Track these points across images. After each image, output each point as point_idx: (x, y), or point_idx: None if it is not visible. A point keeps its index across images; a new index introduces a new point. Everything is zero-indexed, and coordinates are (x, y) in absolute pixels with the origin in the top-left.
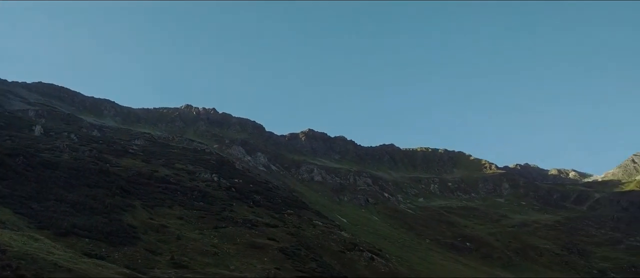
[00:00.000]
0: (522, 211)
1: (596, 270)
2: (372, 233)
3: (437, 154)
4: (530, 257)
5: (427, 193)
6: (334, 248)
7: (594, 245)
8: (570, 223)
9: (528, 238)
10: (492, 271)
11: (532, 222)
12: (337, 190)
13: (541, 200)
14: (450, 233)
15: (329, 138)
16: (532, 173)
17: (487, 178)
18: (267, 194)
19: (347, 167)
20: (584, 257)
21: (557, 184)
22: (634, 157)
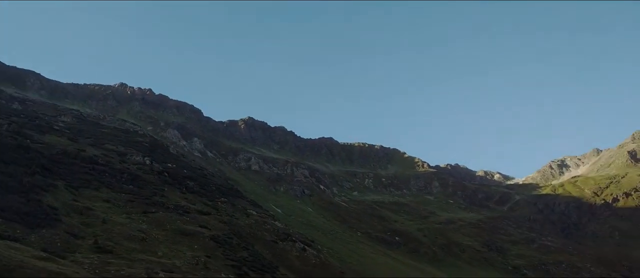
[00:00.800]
0: (449, 209)
1: (511, 267)
2: (305, 224)
3: (374, 150)
4: (454, 253)
5: (362, 188)
6: (267, 238)
7: (511, 243)
8: (492, 222)
9: (453, 235)
10: (418, 265)
11: (457, 220)
12: (273, 180)
13: (467, 199)
14: (381, 227)
15: (269, 127)
16: (461, 173)
17: (419, 176)
18: (201, 181)
19: (285, 158)
20: (501, 254)
21: (483, 185)
22: (551, 163)
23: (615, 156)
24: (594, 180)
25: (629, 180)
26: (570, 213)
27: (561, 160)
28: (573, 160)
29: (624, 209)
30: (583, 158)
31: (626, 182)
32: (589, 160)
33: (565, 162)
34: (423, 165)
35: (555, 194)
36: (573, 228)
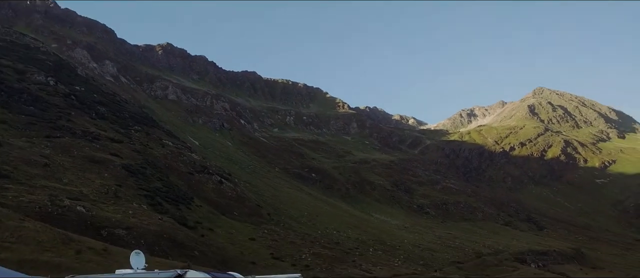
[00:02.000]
0: (365, 149)
1: (416, 205)
2: (224, 157)
3: (297, 88)
4: (366, 191)
5: (283, 125)
6: (183, 170)
7: (418, 184)
8: (403, 164)
9: (366, 174)
10: (331, 201)
11: (372, 160)
12: (192, 112)
13: (382, 141)
14: (299, 164)
15: (189, 56)
16: (379, 116)
17: (339, 116)
18: (113, 107)
19: (205, 89)
20: (408, 194)
21: (397, 128)
22: (461, 112)
23: (517, 109)
24: (497, 130)
25: (526, 131)
26: (472, 159)
27: (470, 109)
28: (481, 110)
29: (518, 157)
30: (490, 109)
31: (523, 133)
32: (494, 111)
33: (474, 111)
34: (343, 106)
35: (461, 141)
36: (474, 173)
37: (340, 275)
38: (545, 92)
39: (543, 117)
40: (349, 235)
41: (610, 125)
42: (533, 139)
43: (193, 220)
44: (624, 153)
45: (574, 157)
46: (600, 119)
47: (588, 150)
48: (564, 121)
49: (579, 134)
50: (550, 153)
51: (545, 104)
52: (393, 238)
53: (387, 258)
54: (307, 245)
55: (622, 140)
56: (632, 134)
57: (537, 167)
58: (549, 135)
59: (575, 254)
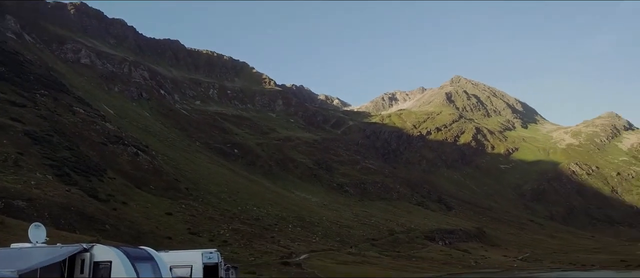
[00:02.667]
0: (289, 127)
1: (336, 184)
2: (141, 129)
3: (222, 61)
4: (288, 168)
5: (205, 98)
6: (95, 139)
7: (339, 163)
8: (326, 143)
9: (289, 152)
10: (253, 177)
11: (295, 138)
12: (107, 78)
13: (307, 120)
14: (221, 139)
15: (106, 18)
16: (304, 95)
17: (265, 92)
18: (15, 68)
19: (123, 55)
20: (329, 172)
21: (322, 108)
22: (383, 95)
23: (436, 96)
24: (415, 114)
25: (442, 117)
26: (392, 141)
27: (392, 93)
28: (402, 94)
29: (433, 141)
30: (410, 94)
31: (439, 119)
32: (414, 96)
33: (396, 95)
34: (270, 82)
35: (382, 123)
36: (392, 154)
37: (259, 250)
38: (462, 81)
39: (458, 105)
40: (269, 212)
41: (516, 115)
42: (448, 124)
43: (105, 192)
44: (526, 142)
45: (483, 143)
46: (508, 109)
47: (495, 138)
48: (477, 109)
49: (489, 122)
50: (463, 139)
51: (461, 93)
52: (312, 215)
53: (306, 235)
54: (226, 220)
55: (525, 130)
56: (533, 124)
57: (450, 151)
58: (463, 122)
59: (478, 233)
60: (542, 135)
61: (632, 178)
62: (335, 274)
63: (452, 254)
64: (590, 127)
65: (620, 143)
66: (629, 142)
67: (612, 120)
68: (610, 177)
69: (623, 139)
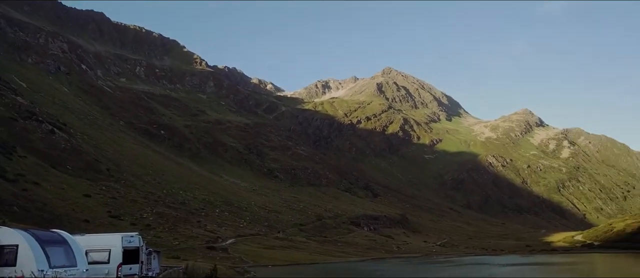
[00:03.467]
0: (220, 110)
1: (267, 169)
2: (58, 105)
3: (151, 37)
4: (218, 152)
5: (132, 75)
6: (4, 114)
7: (271, 148)
8: (257, 128)
9: (219, 136)
10: (180, 160)
11: (226, 122)
12: (20, 48)
13: (239, 103)
14: (147, 119)
15: None
16: (237, 77)
17: (196, 73)
18: None
19: (38, 24)
20: (260, 157)
21: (255, 92)
22: (317, 83)
23: (367, 86)
24: (347, 103)
25: (372, 107)
26: (323, 128)
27: (326, 81)
28: (335, 83)
29: (363, 130)
30: (343, 82)
31: (370, 108)
32: (347, 85)
33: (329, 83)
34: (201, 63)
35: (315, 110)
36: (323, 142)
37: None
38: (393, 73)
39: (388, 96)
40: (196, 196)
41: (442, 108)
42: (378, 114)
43: (14, 172)
44: (449, 134)
45: (410, 133)
46: (434, 102)
47: (422, 129)
48: (405, 101)
49: (416, 113)
50: (391, 129)
51: (391, 84)
52: (241, 200)
53: (234, 219)
54: (150, 204)
55: (449, 122)
56: (457, 117)
57: (378, 140)
58: (392, 112)
59: (402, 219)
60: (464, 128)
61: (540, 170)
62: (262, 259)
63: (377, 239)
64: (507, 122)
65: (532, 138)
66: (539, 138)
67: (526, 116)
68: (522, 169)
69: (534, 135)
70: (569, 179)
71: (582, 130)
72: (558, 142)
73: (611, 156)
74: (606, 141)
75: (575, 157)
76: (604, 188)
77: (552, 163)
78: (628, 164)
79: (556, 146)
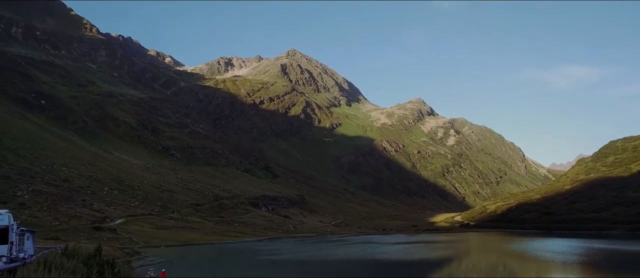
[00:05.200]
0: (112, 82)
1: (162, 147)
2: None
3: None
4: (108, 127)
5: (6, 36)
6: None
7: (167, 125)
8: (153, 103)
9: (111, 109)
10: (63, 134)
11: (119, 95)
12: None
13: (134, 75)
14: (24, 87)
15: None
16: (133, 48)
17: (85, 39)
18: None
19: None
20: (155, 134)
21: (152, 65)
22: (219, 59)
23: (272, 66)
24: (251, 83)
25: (276, 88)
26: (224, 107)
27: (229, 58)
28: (239, 61)
29: (265, 111)
30: (247, 61)
31: (273, 89)
32: (251, 64)
33: (232, 61)
34: (91, 29)
35: (216, 88)
36: (223, 121)
37: (66, 214)
38: (297, 55)
39: (292, 78)
40: (81, 173)
41: (343, 93)
42: (281, 96)
43: None
44: (348, 119)
45: (311, 117)
46: (336, 87)
47: (323, 113)
48: (309, 84)
49: (318, 97)
50: (293, 111)
51: (295, 66)
52: (133, 178)
53: (124, 198)
54: (25, 180)
55: (349, 107)
56: (356, 103)
57: (280, 122)
58: (295, 94)
59: (299, 200)
60: (362, 113)
61: (428, 156)
62: (154, 239)
63: (274, 219)
64: (402, 110)
65: (423, 126)
66: (429, 125)
67: (419, 105)
68: (412, 155)
69: (425, 123)
70: (453, 165)
71: (466, 120)
72: (445, 131)
73: (489, 145)
74: (486, 131)
75: (459, 145)
76: (482, 174)
77: (439, 150)
78: (502, 153)
79: (444, 134)
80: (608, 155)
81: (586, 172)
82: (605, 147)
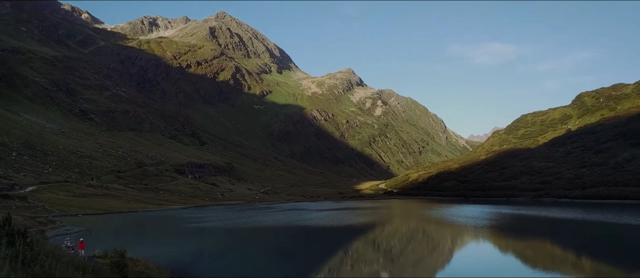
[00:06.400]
0: (19, 37)
1: (79, 110)
2: None
3: None
4: (15, 87)
5: None
6: None
7: (85, 87)
8: (68, 62)
9: (18, 67)
10: None
11: (27, 51)
12: None
13: (45, 31)
14: None
15: None
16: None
17: None
18: None
19: None
20: (71, 96)
21: (67, 21)
22: (143, 19)
23: (200, 28)
24: (177, 45)
25: (204, 51)
26: (149, 69)
27: (153, 18)
28: (164, 21)
29: (193, 75)
30: (173, 22)
31: (201, 53)
32: (178, 26)
33: (157, 21)
34: None
35: (140, 49)
36: (147, 84)
37: None
38: (227, 18)
39: (221, 42)
40: None
41: (273, 60)
42: (209, 60)
43: None
44: (279, 86)
45: (241, 83)
46: (266, 53)
47: (253, 79)
48: (238, 49)
49: (248, 63)
50: (222, 77)
51: (225, 30)
52: (45, 143)
53: (35, 164)
54: None
55: (279, 74)
56: (287, 71)
57: (208, 87)
58: (224, 59)
59: (227, 167)
60: (293, 81)
61: (356, 126)
62: (70, 207)
63: (201, 187)
64: (332, 79)
65: (352, 96)
66: (358, 96)
67: (349, 75)
68: (341, 124)
69: (354, 93)
70: (379, 135)
71: (393, 91)
72: (373, 101)
73: (413, 116)
74: (411, 103)
75: (386, 116)
76: (406, 144)
77: (367, 120)
78: (425, 124)
79: (371, 104)
80: (519, 128)
81: (500, 143)
82: (517, 121)
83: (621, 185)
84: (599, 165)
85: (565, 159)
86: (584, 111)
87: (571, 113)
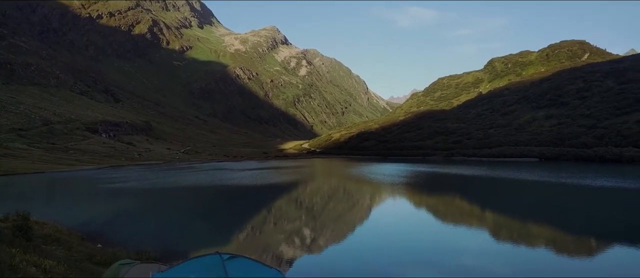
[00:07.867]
0: None
1: None
2: None
3: None
4: None
5: None
6: None
7: None
8: None
9: None
10: None
11: None
12: None
13: None
14: None
15: None
16: None
17: None
18: None
19: None
20: None
21: None
22: None
23: None
24: None
25: (117, 2)
26: (53, 18)
27: None
28: None
29: (105, 27)
30: None
31: (114, 3)
32: None
33: None
34: None
35: None
36: (52, 34)
37: None
38: None
39: None
40: None
41: (194, 14)
42: (123, 11)
43: None
44: (200, 42)
45: (158, 37)
46: (186, 6)
47: (172, 34)
48: (156, 1)
49: (167, 16)
50: (137, 30)
51: None
52: None
53: None
54: None
55: (201, 30)
56: (209, 26)
57: (123, 40)
58: (139, 11)
59: (145, 126)
60: (215, 37)
61: (281, 85)
62: None
63: (116, 147)
64: (256, 37)
65: (277, 55)
66: (283, 55)
67: (273, 33)
68: (265, 83)
69: (279, 52)
70: (304, 95)
71: (317, 51)
72: (298, 61)
73: (337, 77)
74: (335, 64)
75: (310, 76)
76: (329, 104)
77: (291, 80)
78: (348, 85)
79: (296, 64)
80: (436, 90)
81: (418, 105)
82: (434, 84)
83: (521, 144)
84: (504, 127)
85: (475, 121)
86: (494, 76)
87: (483, 77)
